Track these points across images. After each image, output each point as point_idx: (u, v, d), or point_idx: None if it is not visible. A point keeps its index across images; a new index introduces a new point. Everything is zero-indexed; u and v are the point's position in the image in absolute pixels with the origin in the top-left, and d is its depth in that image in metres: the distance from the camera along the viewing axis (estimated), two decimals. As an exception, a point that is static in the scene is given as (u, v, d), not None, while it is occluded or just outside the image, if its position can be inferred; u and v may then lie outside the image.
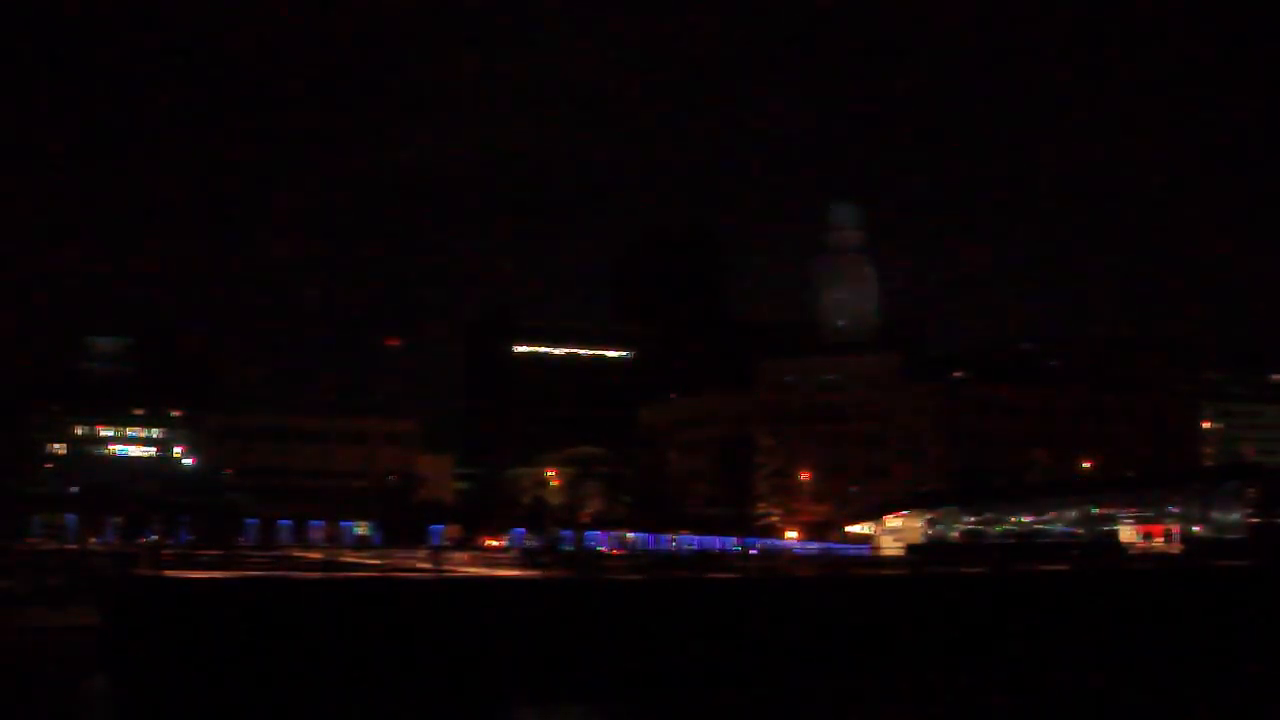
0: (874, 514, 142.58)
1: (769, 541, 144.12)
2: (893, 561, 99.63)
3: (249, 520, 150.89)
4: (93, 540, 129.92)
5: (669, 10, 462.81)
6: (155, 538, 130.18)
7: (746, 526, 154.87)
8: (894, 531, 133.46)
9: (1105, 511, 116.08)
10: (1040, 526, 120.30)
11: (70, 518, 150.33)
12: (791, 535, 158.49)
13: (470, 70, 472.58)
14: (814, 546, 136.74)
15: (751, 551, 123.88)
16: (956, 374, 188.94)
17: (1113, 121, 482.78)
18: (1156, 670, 67.26)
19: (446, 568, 73.77)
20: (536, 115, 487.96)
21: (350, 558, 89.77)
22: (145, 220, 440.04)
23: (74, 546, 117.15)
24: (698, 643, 62.87)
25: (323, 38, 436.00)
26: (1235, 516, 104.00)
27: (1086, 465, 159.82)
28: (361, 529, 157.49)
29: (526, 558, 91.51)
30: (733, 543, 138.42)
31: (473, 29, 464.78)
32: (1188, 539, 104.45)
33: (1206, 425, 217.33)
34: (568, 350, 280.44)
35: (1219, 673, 68.20)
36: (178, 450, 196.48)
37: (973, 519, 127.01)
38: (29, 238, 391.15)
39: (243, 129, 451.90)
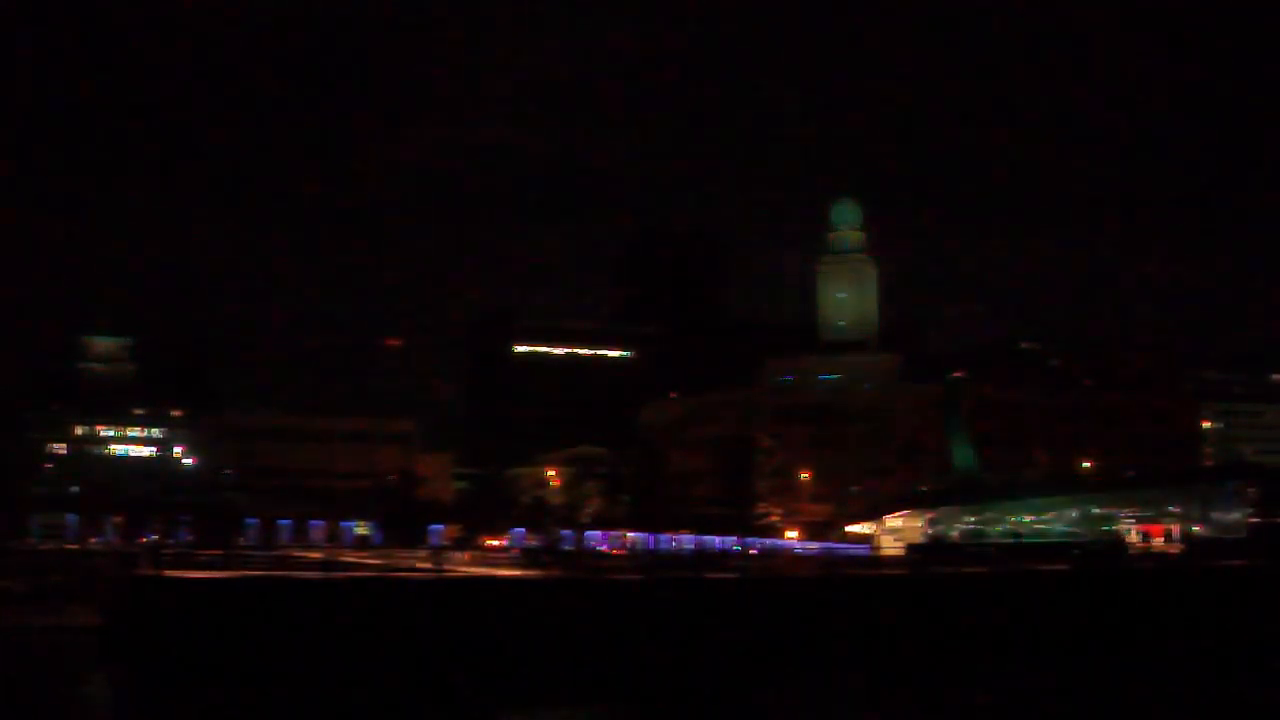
0: (874, 514, 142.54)
1: (769, 541, 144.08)
2: (893, 561, 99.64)
3: (249, 520, 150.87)
4: (93, 540, 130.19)
5: (669, 10, 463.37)
6: (155, 538, 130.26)
7: (746, 526, 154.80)
8: (894, 531, 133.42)
9: (1105, 511, 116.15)
10: (1040, 526, 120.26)
11: (70, 518, 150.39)
12: (791, 535, 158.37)
13: (470, 70, 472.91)
14: (814, 546, 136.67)
15: (751, 551, 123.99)
16: (956, 374, 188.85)
17: (1113, 120, 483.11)
18: (1157, 670, 67.26)
19: (446, 568, 73.85)
20: (536, 115, 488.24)
21: (350, 558, 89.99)
22: (146, 220, 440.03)
23: (74, 546, 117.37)
24: (697, 643, 62.87)
25: (321, 37, 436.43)
26: (1235, 516, 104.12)
27: (1086, 465, 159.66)
28: (361, 529, 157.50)
29: (526, 558, 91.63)
30: (733, 543, 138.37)
31: (473, 29, 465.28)
32: (1188, 539, 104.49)
33: (1206, 425, 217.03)
34: (568, 350, 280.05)
35: (1219, 672, 68.21)
36: (178, 450, 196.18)
37: (973, 519, 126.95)
38: (29, 237, 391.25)
39: (242, 129, 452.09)
